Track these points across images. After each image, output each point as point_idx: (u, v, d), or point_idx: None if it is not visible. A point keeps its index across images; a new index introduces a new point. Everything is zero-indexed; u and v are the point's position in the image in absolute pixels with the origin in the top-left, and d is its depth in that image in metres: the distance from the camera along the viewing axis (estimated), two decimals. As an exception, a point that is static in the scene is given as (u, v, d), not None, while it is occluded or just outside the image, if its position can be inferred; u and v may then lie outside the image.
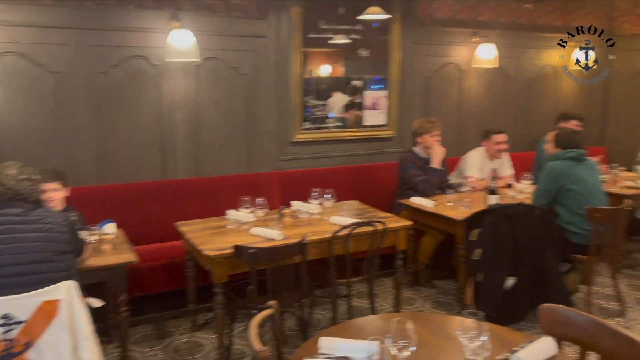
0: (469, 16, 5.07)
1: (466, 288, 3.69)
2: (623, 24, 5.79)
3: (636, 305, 3.93)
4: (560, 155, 3.74)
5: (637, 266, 4.71)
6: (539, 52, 5.47)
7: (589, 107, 5.90)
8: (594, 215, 3.47)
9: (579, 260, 3.72)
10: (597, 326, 1.77)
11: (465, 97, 5.20)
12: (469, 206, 3.82)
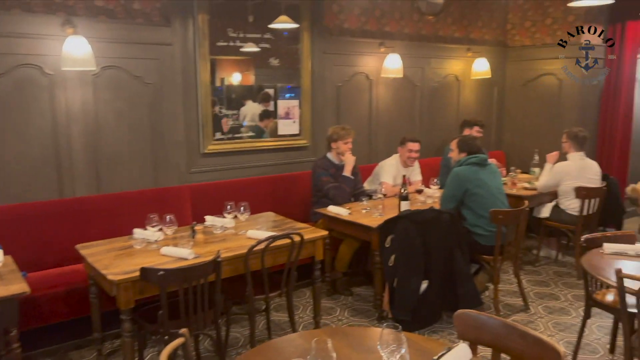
0: (375, 27, 5.21)
1: (383, 294, 3.74)
2: (515, 36, 6.24)
3: (537, 299, 4.20)
4: (464, 160, 3.93)
5: (536, 262, 5.05)
6: (441, 62, 5.73)
7: (488, 114, 6.28)
8: (497, 217, 3.67)
9: (485, 261, 3.91)
10: (507, 328, 1.84)
11: (375, 105, 5.32)
12: (382, 213, 3.89)
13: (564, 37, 5.72)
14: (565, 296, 4.26)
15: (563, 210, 4.77)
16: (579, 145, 4.68)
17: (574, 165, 4.65)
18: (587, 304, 3.12)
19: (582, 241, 3.12)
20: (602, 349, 3.38)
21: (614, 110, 5.84)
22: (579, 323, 3.25)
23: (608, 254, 2.97)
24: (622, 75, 5.73)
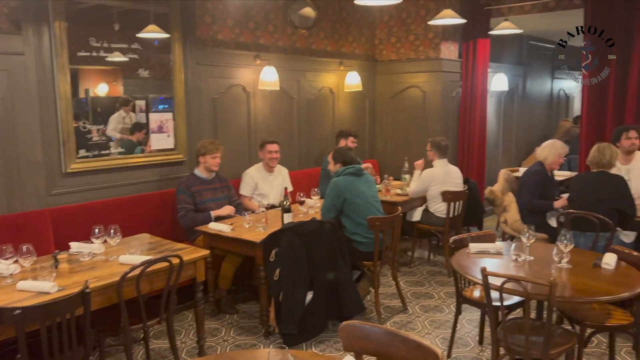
0: (250, 39, 5.18)
1: (269, 309, 3.69)
2: (382, 51, 6.60)
3: (414, 299, 4.45)
4: (342, 171, 4.04)
5: (412, 263, 5.35)
6: (316, 75, 5.87)
7: (361, 125, 6.56)
8: (375, 224, 3.81)
9: (366, 266, 4.05)
10: (390, 336, 1.89)
11: (254, 117, 5.28)
12: (266, 227, 3.85)
13: (426, 52, 6.19)
14: (439, 294, 4.56)
15: (432, 213, 5.12)
16: (442, 153, 5.07)
17: (439, 171, 5.02)
18: (458, 301, 3.36)
19: (450, 242, 3.36)
20: (472, 342, 3.66)
21: (471, 119, 6.43)
22: (452, 319, 3.49)
23: (473, 253, 3.23)
24: (476, 88, 6.34)
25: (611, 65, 5.28)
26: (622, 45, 5.20)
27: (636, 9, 5.05)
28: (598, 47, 5.33)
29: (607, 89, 5.37)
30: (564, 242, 2.94)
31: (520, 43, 7.91)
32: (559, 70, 9.00)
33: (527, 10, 5.87)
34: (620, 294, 2.58)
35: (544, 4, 5.75)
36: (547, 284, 2.43)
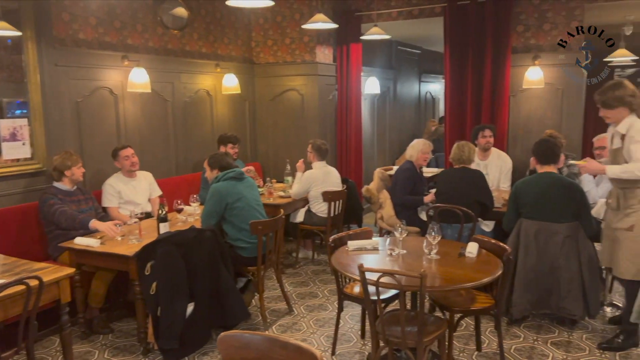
0: (116, 39, 4.86)
1: (147, 325, 3.48)
2: (260, 53, 6.58)
3: (299, 300, 4.48)
4: (222, 176, 3.94)
5: (296, 264, 5.40)
6: (192, 77, 5.67)
7: (242, 128, 6.48)
8: (257, 228, 3.77)
9: (250, 272, 3.99)
10: (270, 342, 1.86)
11: (124, 122, 4.95)
12: (140, 239, 3.62)
13: (302, 56, 6.29)
14: (323, 292, 4.65)
15: (314, 213, 5.21)
16: (322, 156, 5.19)
17: (319, 172, 5.13)
18: (340, 298, 3.44)
19: (330, 242, 3.43)
20: (355, 337, 3.77)
21: (347, 121, 6.66)
22: (336, 317, 3.56)
23: (352, 251, 3.33)
24: (351, 91, 6.58)
25: (467, 69, 5.79)
26: (476, 52, 5.73)
27: (488, 19, 5.58)
28: (458, 53, 5.82)
29: (465, 92, 5.87)
30: (432, 234, 3.14)
31: (390, 48, 8.38)
32: (425, 73, 9.70)
33: (394, 17, 6.22)
34: (481, 279, 2.81)
35: (409, 12, 6.13)
36: (418, 275, 2.57)
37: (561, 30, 5.49)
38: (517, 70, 5.64)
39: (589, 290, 3.73)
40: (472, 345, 3.58)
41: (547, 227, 3.73)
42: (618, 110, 3.35)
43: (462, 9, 5.69)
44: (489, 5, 5.55)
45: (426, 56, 9.57)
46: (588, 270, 3.71)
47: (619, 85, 3.39)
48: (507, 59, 5.59)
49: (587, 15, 5.54)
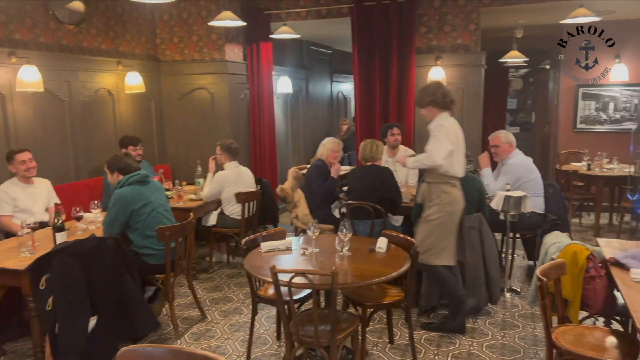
0: (2, 34, 4.43)
1: (44, 344, 3.20)
2: (165, 51, 6.32)
3: (213, 305, 4.35)
4: (125, 180, 3.72)
5: (210, 268, 5.24)
6: (91, 75, 5.32)
7: (148, 128, 6.19)
8: (165, 234, 3.60)
9: (159, 280, 3.80)
10: (175, 354, 1.76)
11: (13, 124, 4.53)
12: (33, 250, 3.33)
13: (210, 54, 6.12)
14: (238, 296, 4.55)
15: (228, 215, 5.09)
16: (233, 156, 5.08)
17: (231, 173, 5.02)
18: (254, 301, 3.38)
19: (242, 244, 3.35)
20: (271, 339, 3.73)
21: (260, 121, 6.58)
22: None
23: (265, 252, 3.27)
24: (263, 90, 6.51)
25: (375, 69, 5.94)
26: (383, 52, 5.89)
27: (393, 21, 5.75)
28: (366, 54, 5.95)
29: (374, 91, 6.02)
30: (344, 231, 3.17)
31: (301, 48, 8.40)
32: (337, 73, 9.84)
33: (303, 16, 6.24)
34: (390, 274, 2.88)
35: (317, 12, 6.17)
36: (330, 273, 2.58)
37: (460, 32, 5.79)
38: (422, 70, 5.87)
39: (491, 278, 3.96)
40: (385, 339, 3.67)
41: (452, 220, 3.91)
42: (429, 109, 3.66)
43: (369, 10, 5.82)
44: (394, 7, 5.72)
45: (337, 56, 9.71)
46: (490, 259, 3.95)
47: (431, 86, 3.73)
48: (412, 60, 5.80)
49: (483, 18, 5.89)
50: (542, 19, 6.54)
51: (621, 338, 2.67)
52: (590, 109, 7.42)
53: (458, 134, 3.64)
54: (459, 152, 3.63)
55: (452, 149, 3.52)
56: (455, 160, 3.59)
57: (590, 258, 2.98)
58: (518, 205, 4.18)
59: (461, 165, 3.69)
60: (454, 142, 3.56)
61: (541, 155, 9.29)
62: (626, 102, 7.26)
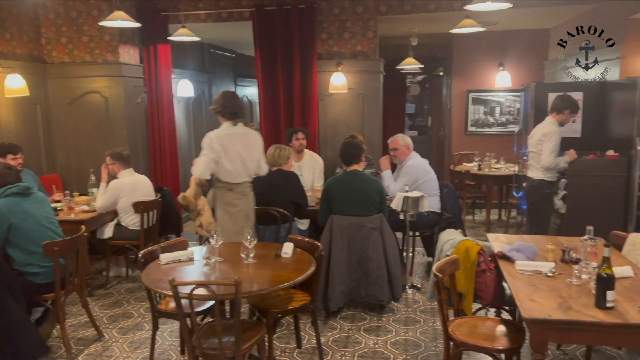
0: None
1: None
2: (52, 52, 5.86)
3: (111, 323, 4.08)
4: (2, 192, 3.39)
5: (108, 284, 4.92)
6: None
7: (34, 135, 5.69)
8: (53, 250, 3.32)
9: (47, 300, 3.50)
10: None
11: None
12: None
13: (103, 56, 5.78)
14: (139, 311, 4.31)
15: (125, 227, 4.81)
16: (126, 163, 4.81)
17: (127, 181, 4.75)
18: (154, 316, 3.21)
19: (140, 257, 3.18)
20: (174, 354, 3.56)
21: (160, 126, 6.31)
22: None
23: (165, 264, 3.13)
24: (162, 94, 6.25)
25: (278, 74, 5.94)
26: (286, 57, 5.90)
27: (294, 26, 5.79)
28: (268, 58, 5.93)
29: (278, 96, 6.02)
30: (248, 238, 3.12)
31: (202, 51, 8.20)
32: (241, 77, 9.72)
33: (203, 18, 6.08)
34: (296, 278, 2.87)
35: (217, 14, 6.05)
36: (232, 283, 2.51)
37: (359, 39, 5.96)
38: (324, 75, 5.96)
39: (393, 277, 4.10)
40: (293, 344, 3.65)
41: (355, 221, 4.00)
42: (220, 118, 3.96)
43: (269, 14, 5.81)
44: (294, 12, 5.76)
45: (241, 60, 9.59)
46: (392, 258, 4.09)
47: (219, 96, 4.00)
48: (314, 65, 5.87)
49: (381, 26, 6.12)
50: (434, 28, 6.92)
51: (509, 326, 2.88)
52: (479, 113, 7.99)
53: (231, 142, 3.84)
54: (230, 160, 3.84)
55: (214, 157, 3.78)
56: (223, 168, 3.85)
57: (481, 253, 3.19)
58: (416, 205, 4.37)
59: (238, 171, 3.90)
60: (219, 151, 3.78)
61: (437, 156, 9.84)
62: (510, 107, 7.91)
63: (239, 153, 3.87)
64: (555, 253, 3.04)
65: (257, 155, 4.02)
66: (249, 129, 4.10)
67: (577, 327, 2.33)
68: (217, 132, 3.87)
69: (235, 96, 4.04)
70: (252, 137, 4.00)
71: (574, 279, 2.69)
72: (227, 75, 9.20)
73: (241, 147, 3.89)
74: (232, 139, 3.86)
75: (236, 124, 3.89)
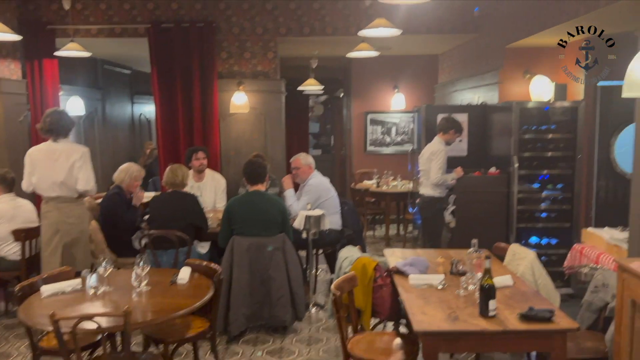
0: None
1: None
2: None
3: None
4: None
5: (-18, 321, 4.42)
6: None
7: None
8: None
9: None
10: None
11: None
12: None
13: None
14: (19, 350, 3.91)
15: (3, 257, 4.38)
16: (8, 187, 4.42)
17: (7, 207, 4.35)
18: (35, 355, 2.93)
19: (17, 291, 2.89)
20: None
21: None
22: (31, 377, 3.02)
23: (47, 297, 2.88)
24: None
25: (177, 92, 5.79)
26: (185, 75, 5.77)
27: (193, 44, 5.69)
28: (166, 76, 5.76)
29: (176, 115, 5.86)
30: (141, 265, 2.96)
31: (96, 66, 7.79)
32: (138, 95, 9.34)
33: (94, 33, 5.79)
34: (192, 305, 2.77)
35: (110, 30, 5.79)
36: (121, 313, 2.37)
37: (260, 59, 5.99)
38: (225, 94, 5.90)
39: (296, 296, 4.10)
40: (192, 373, 3.51)
41: (257, 242, 3.96)
42: None
43: (166, 31, 5.67)
44: (193, 30, 5.67)
45: (138, 77, 9.23)
46: (294, 278, 4.09)
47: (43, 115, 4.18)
48: (214, 84, 5.80)
49: (281, 47, 6.20)
50: (333, 51, 7.15)
51: (405, 339, 2.98)
52: (377, 133, 8.34)
53: (39, 157, 4.03)
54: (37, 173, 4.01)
55: (29, 170, 4.03)
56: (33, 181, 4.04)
57: (377, 268, 3.29)
58: (318, 223, 4.43)
59: (47, 184, 4.02)
60: (28, 164, 4.04)
61: (340, 175, 10.09)
62: (405, 127, 8.34)
63: (46, 167, 4.00)
64: (445, 266, 3.22)
65: (65, 172, 4.01)
66: (75, 145, 4.19)
67: (464, 337, 2.47)
68: (33, 147, 4.19)
69: (53, 114, 4.06)
70: (66, 153, 4.02)
71: (461, 290, 2.86)
72: (123, 92, 8.81)
73: (49, 162, 4.00)
74: (41, 154, 4.03)
75: (56, 140, 4.02)
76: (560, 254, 4.72)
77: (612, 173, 4.90)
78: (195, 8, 5.82)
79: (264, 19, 5.91)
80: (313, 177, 4.98)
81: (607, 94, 4.75)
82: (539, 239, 5.11)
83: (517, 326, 2.45)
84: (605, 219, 4.54)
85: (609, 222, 4.12)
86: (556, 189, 5.02)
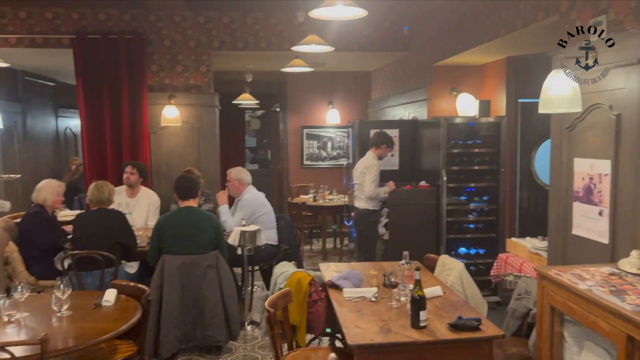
0: None
1: None
2: None
3: None
4: None
5: None
6: None
7: None
8: None
9: None
10: None
11: None
12: None
13: None
14: None
15: None
16: None
17: None
18: (-62, 392, 2.67)
19: None
20: None
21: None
22: None
23: (-47, 327, 2.64)
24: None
25: (104, 105, 5.56)
26: (113, 88, 5.56)
27: (121, 56, 5.50)
28: (93, 88, 5.52)
29: (103, 128, 5.62)
30: (61, 288, 2.79)
31: (15, 78, 7.33)
32: (63, 108, 8.88)
33: (13, 43, 5.46)
34: (118, 328, 2.63)
35: (31, 39, 5.49)
36: (38, 341, 2.21)
37: (192, 72, 5.88)
38: (155, 108, 5.73)
39: (230, 315, 4.00)
40: (120, 400, 3.32)
41: (189, 260, 3.84)
42: None
43: (93, 42, 5.45)
44: (121, 42, 5.49)
45: (63, 89, 8.77)
46: (228, 296, 3.99)
47: None
48: (144, 97, 5.62)
49: (214, 61, 6.12)
50: (268, 66, 7.14)
51: (340, 353, 2.98)
52: (313, 147, 8.40)
53: None
54: None
55: None
56: None
57: (312, 283, 3.28)
58: (253, 239, 4.36)
59: None
60: None
61: (278, 189, 10.05)
62: (340, 142, 8.46)
63: None
64: (378, 278, 3.26)
65: None
66: None
67: (397, 349, 2.50)
68: None
69: None
70: None
71: (394, 302, 2.90)
72: (46, 106, 8.35)
73: None
74: None
75: None
76: (488, 263, 4.91)
77: (533, 185, 5.19)
78: (124, 19, 5.64)
79: (197, 32, 5.82)
80: (248, 192, 4.92)
81: (527, 110, 5.04)
82: (468, 249, 5.31)
83: (447, 335, 2.51)
84: (528, 229, 4.79)
85: (531, 232, 4.35)
86: (482, 200, 5.25)
